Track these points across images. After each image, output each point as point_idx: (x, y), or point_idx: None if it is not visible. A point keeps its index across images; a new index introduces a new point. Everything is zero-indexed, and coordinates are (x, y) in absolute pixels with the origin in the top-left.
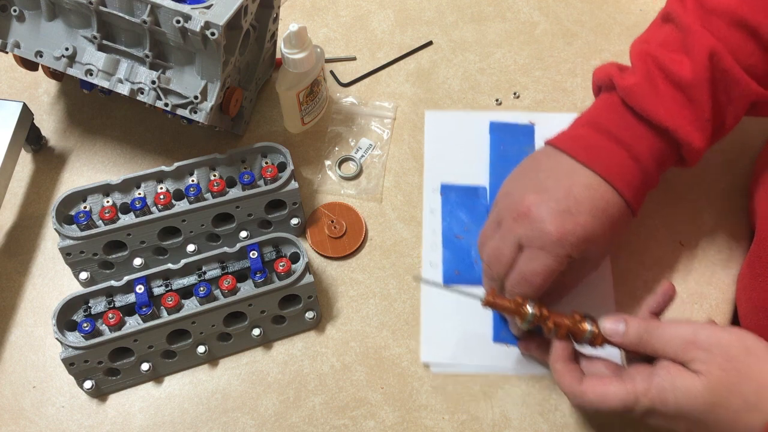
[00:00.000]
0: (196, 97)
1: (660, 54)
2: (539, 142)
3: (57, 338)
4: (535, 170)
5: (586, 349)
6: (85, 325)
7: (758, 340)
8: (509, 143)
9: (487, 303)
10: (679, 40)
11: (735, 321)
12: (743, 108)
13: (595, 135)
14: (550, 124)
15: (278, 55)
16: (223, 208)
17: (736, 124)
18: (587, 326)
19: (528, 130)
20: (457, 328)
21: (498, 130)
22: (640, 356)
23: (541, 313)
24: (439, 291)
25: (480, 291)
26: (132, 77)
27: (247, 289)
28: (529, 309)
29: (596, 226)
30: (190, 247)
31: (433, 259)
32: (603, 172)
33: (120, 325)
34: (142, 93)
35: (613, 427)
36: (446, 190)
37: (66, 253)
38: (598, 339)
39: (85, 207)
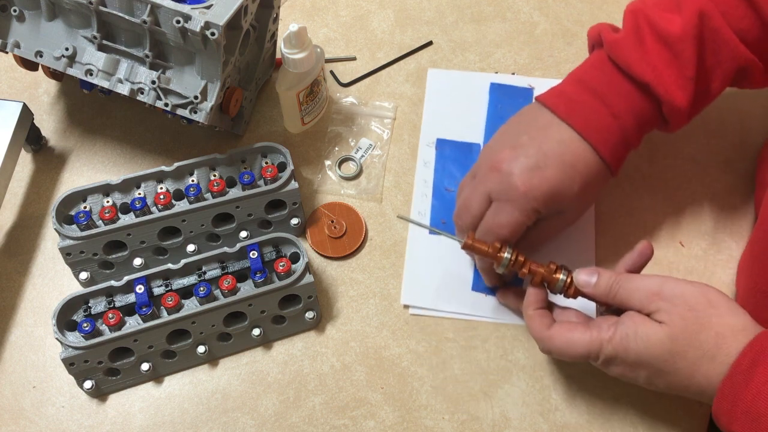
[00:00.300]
0: (196, 97)
1: (652, 12)
2: None
3: (57, 338)
4: (517, 125)
5: (561, 301)
6: (85, 325)
7: (720, 294)
8: (507, 104)
9: (466, 246)
10: (674, 0)
11: None
12: (731, 72)
13: (579, 91)
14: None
15: (278, 55)
16: (223, 208)
17: (722, 89)
18: (561, 276)
19: (527, 93)
20: (438, 275)
21: (497, 91)
22: (611, 309)
23: (517, 259)
24: (424, 238)
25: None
26: (132, 77)
27: (247, 289)
28: (506, 254)
29: (564, 181)
30: (190, 247)
31: (421, 208)
32: (579, 127)
33: (120, 325)
34: (142, 93)
35: (613, 426)
36: (441, 144)
37: (66, 253)
38: (570, 289)
39: (85, 207)
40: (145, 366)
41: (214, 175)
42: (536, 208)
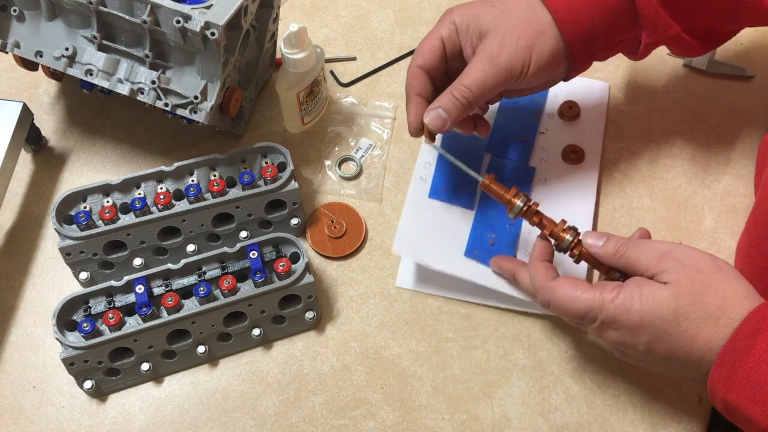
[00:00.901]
0: (196, 97)
1: None
2: (551, 98)
3: (57, 338)
4: None
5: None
6: (85, 325)
7: (728, 264)
8: (520, 106)
9: (483, 185)
10: None
11: None
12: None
13: None
14: (565, 87)
15: (278, 55)
16: (223, 208)
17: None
18: (568, 235)
19: (542, 93)
20: (433, 233)
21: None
22: (613, 277)
23: (529, 208)
24: (423, 200)
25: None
26: (132, 77)
27: (247, 289)
28: (519, 202)
29: (488, 9)
30: (190, 247)
31: (423, 174)
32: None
33: (120, 325)
34: (142, 93)
35: (613, 426)
36: (445, 137)
37: (66, 253)
38: (577, 248)
39: (85, 207)
40: (145, 366)
41: (214, 175)
42: (453, 20)
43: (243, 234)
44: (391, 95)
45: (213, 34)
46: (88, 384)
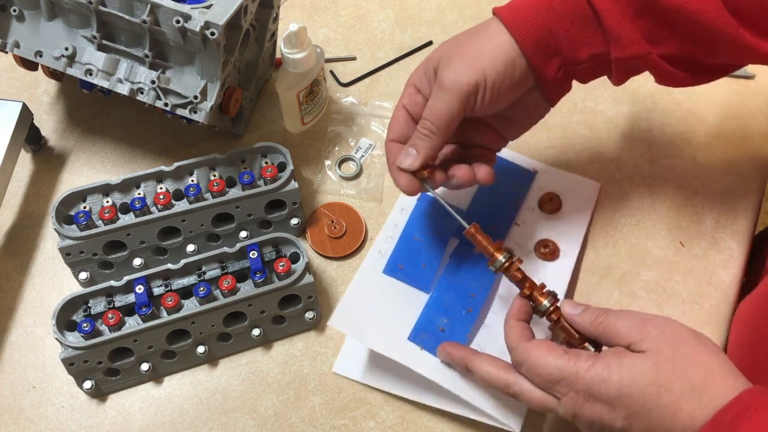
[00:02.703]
0: (195, 97)
1: None
2: (535, 190)
3: (57, 338)
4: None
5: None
6: (85, 325)
7: (709, 339)
8: (504, 180)
9: (468, 233)
10: None
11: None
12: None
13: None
14: (553, 177)
15: (278, 55)
16: (223, 208)
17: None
18: (546, 300)
19: (528, 175)
20: (379, 311)
21: (500, 166)
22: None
23: (511, 263)
24: (375, 275)
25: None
26: (132, 77)
27: (247, 289)
28: (501, 257)
29: (440, 48)
30: (190, 247)
31: (382, 248)
32: (506, 20)
33: (120, 325)
34: (142, 93)
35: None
36: (424, 197)
37: (66, 253)
38: (554, 313)
39: (84, 207)
40: (144, 366)
41: (214, 175)
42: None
43: (243, 234)
44: (391, 95)
45: (213, 33)
46: (87, 384)
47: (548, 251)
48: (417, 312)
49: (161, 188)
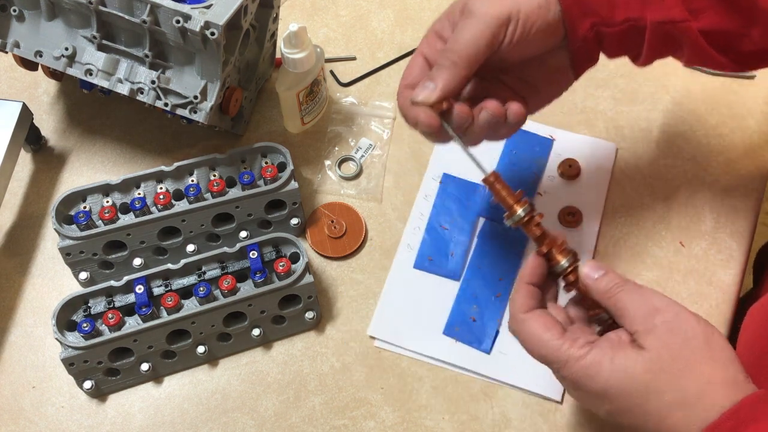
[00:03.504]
0: (195, 97)
1: None
2: (553, 158)
3: (57, 338)
4: None
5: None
6: (85, 325)
7: (723, 340)
8: (523, 151)
9: (486, 181)
10: None
11: (732, 334)
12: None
13: None
14: (570, 143)
15: (278, 55)
16: (223, 208)
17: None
18: (564, 259)
19: (546, 143)
20: (411, 312)
21: (517, 136)
22: (593, 319)
23: (531, 218)
24: (408, 272)
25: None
26: (132, 77)
27: (247, 289)
28: (521, 210)
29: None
30: (190, 247)
31: (411, 242)
32: None
33: (120, 325)
34: (142, 93)
35: (613, 426)
36: (446, 180)
37: (66, 253)
38: (570, 275)
39: (84, 207)
40: (144, 366)
41: (214, 175)
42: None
43: (243, 234)
44: (391, 95)
45: (213, 33)
46: (87, 384)
47: (573, 219)
48: (449, 303)
49: (161, 188)
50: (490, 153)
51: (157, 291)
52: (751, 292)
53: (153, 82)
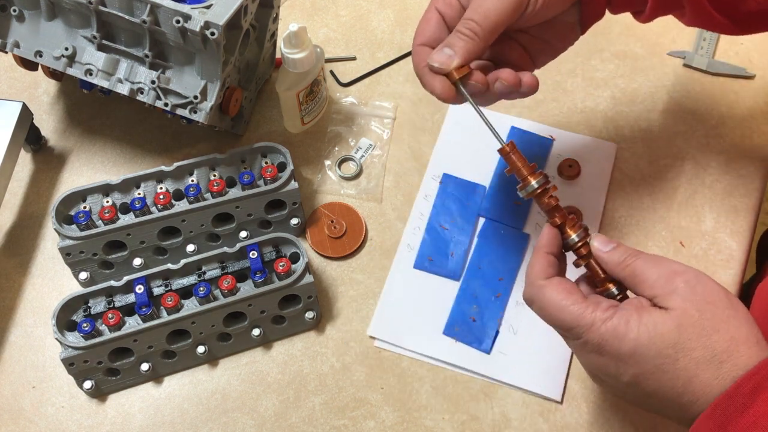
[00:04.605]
0: (195, 97)
1: None
2: (553, 158)
3: (57, 338)
4: None
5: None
6: (85, 325)
7: (741, 303)
8: (523, 151)
9: (503, 150)
10: None
11: None
12: None
13: None
14: (570, 143)
15: (278, 55)
16: (223, 208)
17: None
18: (575, 233)
19: (546, 143)
20: (411, 312)
21: (516, 136)
22: (607, 292)
23: (545, 189)
24: (408, 271)
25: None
26: (132, 77)
27: (246, 289)
28: (535, 182)
29: None
30: (190, 247)
31: (411, 242)
32: None
33: (120, 325)
34: (142, 93)
35: (613, 426)
36: (446, 180)
37: (66, 253)
38: (581, 248)
39: (84, 207)
40: (144, 366)
41: (214, 175)
42: None
43: (243, 234)
44: (391, 95)
45: (213, 33)
46: (87, 384)
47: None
48: (449, 303)
49: (161, 188)
50: (491, 152)
51: (157, 291)
52: (755, 276)
53: (153, 82)
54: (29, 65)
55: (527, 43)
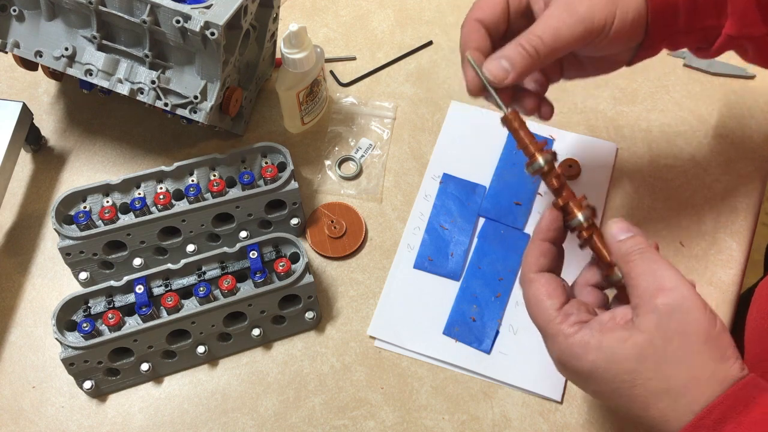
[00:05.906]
0: (195, 97)
1: None
2: None
3: (57, 338)
4: None
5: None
6: (85, 325)
7: (726, 336)
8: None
9: (506, 119)
10: None
11: (735, 325)
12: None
13: None
14: (570, 143)
15: (278, 55)
16: (223, 208)
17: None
18: (580, 214)
19: (547, 143)
20: (411, 312)
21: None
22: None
23: (550, 169)
24: (408, 271)
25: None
26: (132, 77)
27: (246, 289)
28: (541, 159)
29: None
30: (190, 247)
31: (411, 242)
32: None
33: (120, 325)
34: (142, 93)
35: (613, 426)
36: (447, 179)
37: (66, 253)
38: (585, 231)
39: (84, 207)
40: (144, 366)
41: (214, 175)
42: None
43: (243, 234)
44: (391, 95)
45: (213, 33)
46: (87, 384)
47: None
48: (449, 303)
49: (161, 188)
50: (491, 152)
51: (157, 291)
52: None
53: (153, 82)
54: (29, 65)
55: (566, 59)
